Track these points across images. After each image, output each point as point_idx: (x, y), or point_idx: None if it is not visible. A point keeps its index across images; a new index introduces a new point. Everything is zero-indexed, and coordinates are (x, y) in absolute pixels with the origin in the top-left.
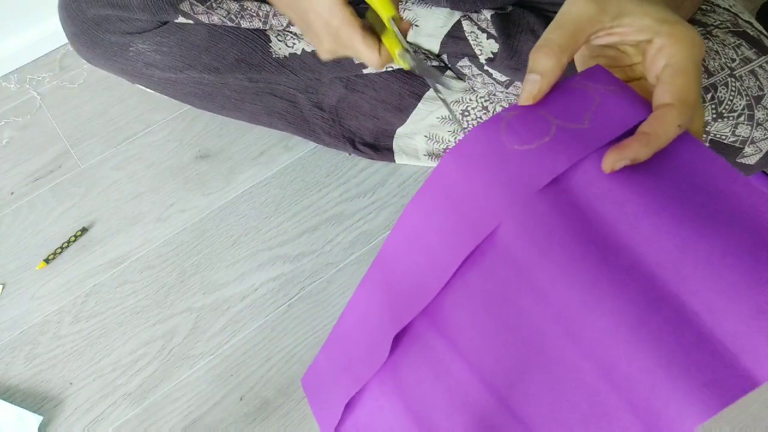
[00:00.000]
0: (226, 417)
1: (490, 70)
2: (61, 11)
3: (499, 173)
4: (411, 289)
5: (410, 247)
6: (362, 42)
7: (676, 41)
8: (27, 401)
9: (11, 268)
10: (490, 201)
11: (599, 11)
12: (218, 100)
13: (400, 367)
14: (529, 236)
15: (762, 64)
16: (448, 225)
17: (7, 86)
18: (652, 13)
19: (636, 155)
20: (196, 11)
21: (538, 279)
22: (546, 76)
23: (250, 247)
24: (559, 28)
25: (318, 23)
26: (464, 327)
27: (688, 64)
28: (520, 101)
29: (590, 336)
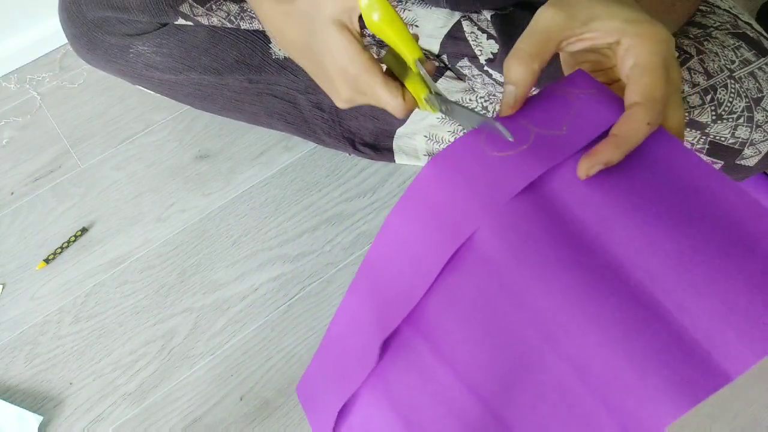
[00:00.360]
0: (226, 417)
1: (490, 70)
2: (61, 13)
3: (478, 179)
4: (396, 295)
5: (394, 254)
6: (384, 89)
7: (641, 40)
8: (27, 401)
9: (11, 268)
10: (468, 206)
11: (568, 18)
12: (218, 101)
13: (390, 373)
14: (505, 241)
15: (762, 65)
16: (428, 231)
17: (7, 86)
18: (619, 15)
19: (608, 158)
20: (196, 13)
21: (515, 284)
22: (520, 84)
23: (250, 247)
24: (529, 37)
25: (334, 71)
26: (448, 332)
27: (655, 61)
28: (500, 112)
29: (566, 339)
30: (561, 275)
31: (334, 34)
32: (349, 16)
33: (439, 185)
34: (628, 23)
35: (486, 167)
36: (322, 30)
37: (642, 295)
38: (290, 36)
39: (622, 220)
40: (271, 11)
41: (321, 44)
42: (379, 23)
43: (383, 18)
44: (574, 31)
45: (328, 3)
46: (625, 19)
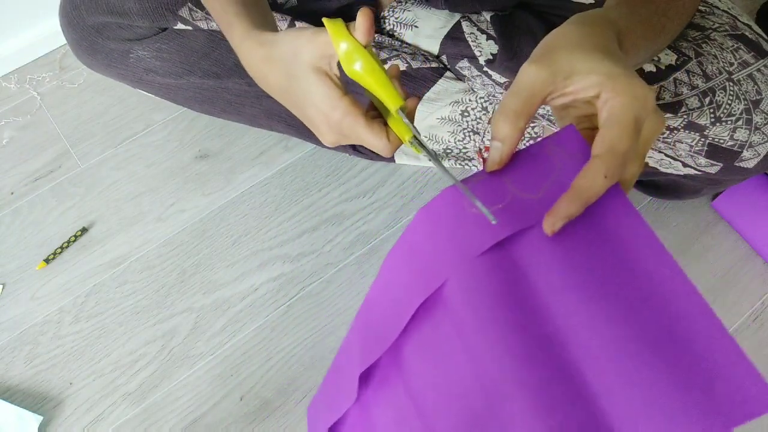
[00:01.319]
0: (226, 417)
1: (490, 71)
2: (62, 18)
3: (453, 234)
4: (376, 333)
5: (382, 295)
6: (368, 132)
7: (617, 94)
8: (27, 401)
9: (11, 268)
10: (440, 259)
11: (550, 75)
12: (219, 104)
13: (372, 405)
14: (466, 296)
15: (760, 67)
16: (409, 277)
17: (7, 86)
18: (599, 69)
19: (568, 212)
20: (195, 17)
21: (471, 339)
22: (506, 141)
23: (250, 247)
24: (514, 96)
25: (317, 116)
26: (417, 375)
27: (624, 116)
28: (486, 168)
29: (502, 402)
30: (506, 337)
31: (314, 80)
32: (328, 62)
33: (422, 235)
34: (606, 77)
35: (461, 222)
36: (302, 76)
37: (574, 372)
38: (272, 80)
39: (570, 293)
40: (251, 54)
41: (302, 90)
42: (359, 72)
43: (364, 68)
44: (557, 87)
45: (306, 50)
46: (605, 73)
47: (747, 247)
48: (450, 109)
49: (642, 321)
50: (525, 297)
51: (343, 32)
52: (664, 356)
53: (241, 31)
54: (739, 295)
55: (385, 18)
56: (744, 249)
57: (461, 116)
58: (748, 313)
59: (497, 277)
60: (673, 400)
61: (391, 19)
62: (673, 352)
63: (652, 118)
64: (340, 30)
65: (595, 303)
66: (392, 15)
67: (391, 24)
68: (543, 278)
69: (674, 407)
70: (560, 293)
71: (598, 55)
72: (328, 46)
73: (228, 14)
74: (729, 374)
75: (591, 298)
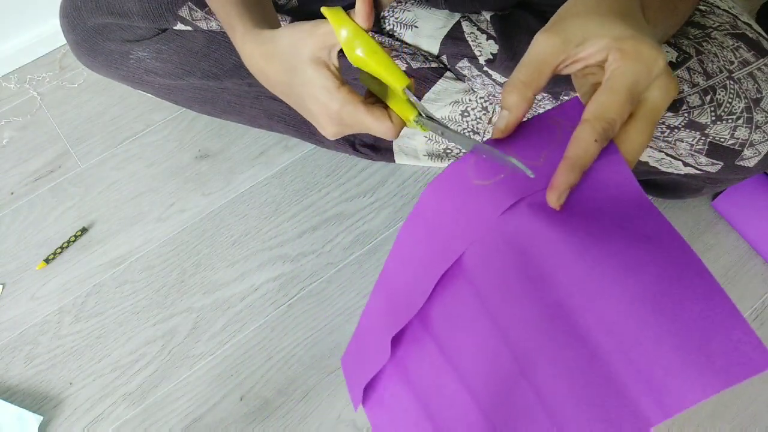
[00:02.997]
0: (226, 417)
1: (490, 71)
2: (62, 19)
3: (461, 206)
4: (403, 301)
5: (403, 266)
6: (369, 116)
7: (621, 57)
8: (27, 401)
9: (11, 268)
10: (455, 231)
11: (562, 42)
12: (218, 104)
13: (408, 362)
14: (481, 267)
15: (761, 66)
16: (427, 249)
17: (7, 86)
18: (609, 33)
19: (567, 181)
20: (195, 17)
21: (490, 306)
22: (513, 110)
23: (250, 247)
24: (524, 66)
25: (317, 108)
26: (451, 337)
27: (620, 80)
28: (493, 134)
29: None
30: (523, 305)
31: (312, 72)
32: (328, 52)
33: (434, 208)
34: (614, 40)
35: (468, 195)
36: (301, 69)
37: (586, 335)
38: (273, 76)
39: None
40: (253, 53)
41: (301, 83)
42: (362, 56)
43: (366, 51)
44: (569, 54)
45: (306, 42)
46: (613, 36)
47: (747, 247)
48: (450, 109)
49: (643, 283)
50: (534, 265)
51: (344, 18)
52: (664, 316)
53: (242, 31)
54: (740, 294)
55: (385, 18)
56: (744, 248)
57: (461, 116)
58: (748, 313)
59: (508, 248)
60: (673, 359)
61: (391, 19)
62: (673, 312)
63: (661, 81)
64: (341, 17)
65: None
66: (392, 15)
67: (391, 24)
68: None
69: (674, 366)
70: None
71: (611, 19)
72: (327, 37)
73: (230, 16)
74: (726, 333)
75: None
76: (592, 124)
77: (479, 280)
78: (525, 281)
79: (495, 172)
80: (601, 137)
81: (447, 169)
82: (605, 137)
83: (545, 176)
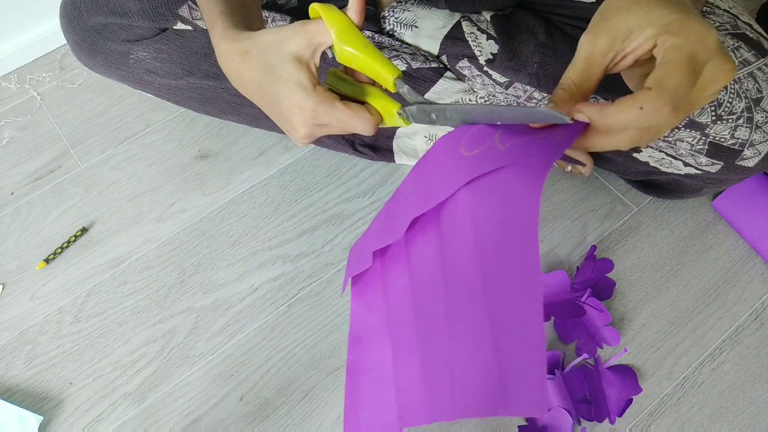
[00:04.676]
0: (226, 417)
1: (490, 71)
2: (62, 19)
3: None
4: (392, 225)
5: (403, 198)
6: (346, 111)
7: (671, 35)
8: (27, 401)
9: (11, 268)
10: (438, 186)
11: (608, 41)
12: (219, 104)
13: (387, 271)
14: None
15: (761, 66)
16: (418, 191)
17: (7, 86)
18: (654, 20)
19: (590, 113)
20: (195, 16)
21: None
22: (559, 107)
23: (250, 247)
24: (573, 66)
25: (290, 108)
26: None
27: (677, 52)
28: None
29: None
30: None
31: (292, 69)
32: (312, 52)
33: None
34: (660, 26)
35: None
36: (280, 67)
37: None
38: (247, 75)
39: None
40: (229, 51)
41: (277, 81)
42: (354, 52)
43: (358, 46)
44: (617, 50)
45: (293, 39)
46: (659, 23)
47: (747, 247)
48: None
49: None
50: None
51: (337, 14)
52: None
53: (221, 29)
54: (739, 294)
55: (385, 18)
56: (744, 249)
57: None
58: (748, 313)
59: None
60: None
61: (391, 19)
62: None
63: (715, 61)
64: (334, 12)
65: (469, 263)
66: (392, 15)
67: (391, 24)
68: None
69: (476, 378)
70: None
71: (653, 7)
72: (315, 36)
73: (213, 14)
74: (520, 375)
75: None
76: (645, 92)
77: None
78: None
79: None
80: (649, 109)
81: (447, 135)
82: (653, 112)
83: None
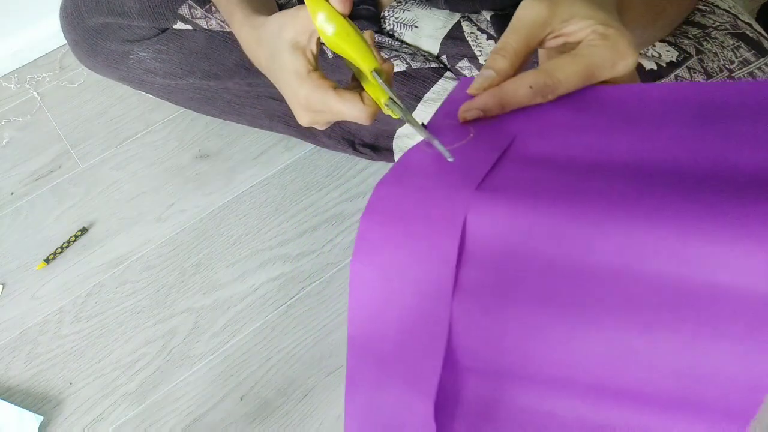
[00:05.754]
0: (226, 417)
1: None
2: (62, 20)
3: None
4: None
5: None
6: (339, 100)
7: (600, 39)
8: (27, 401)
9: (11, 268)
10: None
11: (551, 15)
12: (219, 104)
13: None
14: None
15: (761, 65)
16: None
17: (7, 86)
18: (597, 17)
19: (482, 103)
20: (195, 15)
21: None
22: (500, 74)
23: (250, 247)
24: (514, 33)
25: (289, 94)
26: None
27: (588, 56)
28: (470, 89)
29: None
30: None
31: (288, 56)
32: (308, 37)
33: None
34: (601, 25)
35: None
36: (279, 54)
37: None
38: (262, 61)
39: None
40: (249, 38)
41: (278, 69)
42: (334, 38)
43: (339, 34)
44: (554, 28)
45: (288, 26)
46: (601, 21)
47: None
48: None
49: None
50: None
51: (321, 2)
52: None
53: (240, 17)
54: None
55: (385, 18)
56: None
57: None
58: None
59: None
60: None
61: (391, 19)
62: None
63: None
64: (318, 0)
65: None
66: (392, 15)
67: (391, 24)
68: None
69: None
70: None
71: (596, 6)
72: (308, 21)
73: (230, 4)
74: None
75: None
76: (536, 73)
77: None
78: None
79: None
80: (538, 87)
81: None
82: (542, 91)
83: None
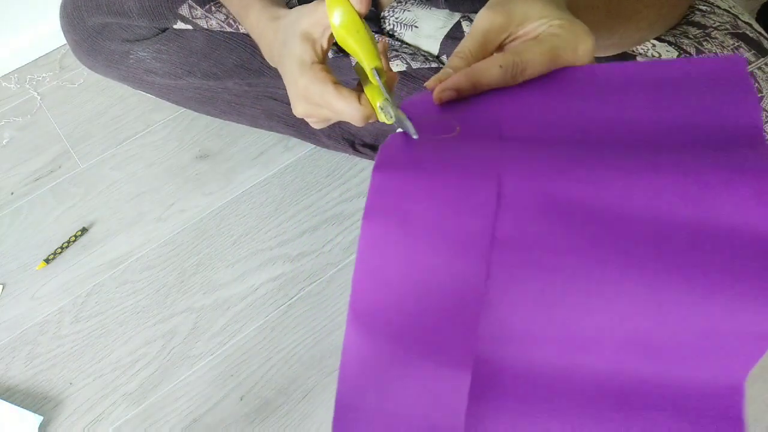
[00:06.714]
0: (226, 417)
1: None
2: (62, 19)
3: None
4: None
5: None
6: (336, 95)
7: (557, 27)
8: (27, 401)
9: (11, 268)
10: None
11: (506, 20)
12: (219, 104)
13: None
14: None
15: (761, 65)
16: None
17: (7, 86)
18: (551, 15)
19: (457, 83)
20: (195, 15)
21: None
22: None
23: (250, 247)
24: (471, 38)
25: (289, 82)
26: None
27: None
28: (427, 83)
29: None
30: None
31: (297, 45)
32: (321, 31)
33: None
34: (553, 18)
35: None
36: (289, 41)
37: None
38: (275, 51)
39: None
40: (265, 28)
41: (285, 55)
42: (341, 30)
43: (349, 29)
44: (511, 31)
45: (305, 18)
46: (553, 17)
47: None
48: None
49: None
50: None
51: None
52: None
53: (259, 8)
54: None
55: (385, 18)
56: None
57: None
58: None
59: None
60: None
61: (391, 20)
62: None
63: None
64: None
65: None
66: (392, 15)
67: (391, 24)
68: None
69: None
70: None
71: (552, 7)
72: (324, 16)
73: None
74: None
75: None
76: (506, 53)
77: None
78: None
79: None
80: (507, 66)
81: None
82: (511, 71)
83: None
